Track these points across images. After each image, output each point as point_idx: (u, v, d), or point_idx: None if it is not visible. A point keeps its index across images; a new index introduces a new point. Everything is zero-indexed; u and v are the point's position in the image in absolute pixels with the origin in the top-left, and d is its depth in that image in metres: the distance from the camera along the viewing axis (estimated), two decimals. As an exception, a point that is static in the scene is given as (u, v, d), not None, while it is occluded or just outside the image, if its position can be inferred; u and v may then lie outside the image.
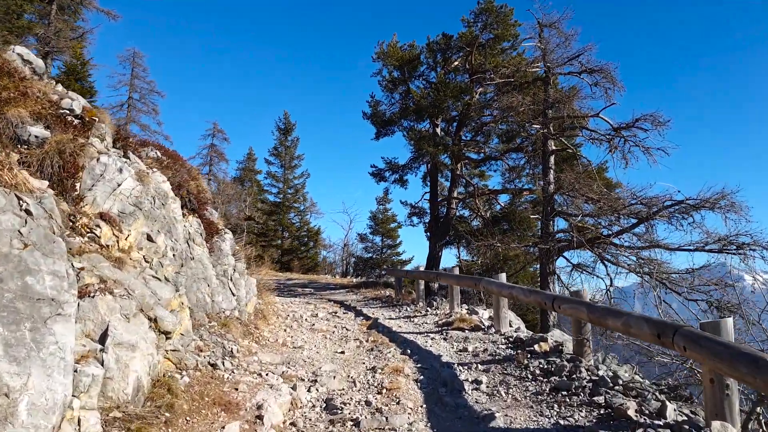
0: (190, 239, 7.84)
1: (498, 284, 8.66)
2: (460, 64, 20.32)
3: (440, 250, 20.36)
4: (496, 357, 7.24)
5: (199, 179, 10.13)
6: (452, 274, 11.29)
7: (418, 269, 14.04)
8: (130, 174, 5.75)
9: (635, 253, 13.87)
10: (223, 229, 9.39)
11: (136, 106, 40.37)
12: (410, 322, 10.85)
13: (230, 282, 8.73)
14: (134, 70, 40.14)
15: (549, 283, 14.65)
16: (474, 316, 10.17)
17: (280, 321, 10.34)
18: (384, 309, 13.28)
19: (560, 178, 14.86)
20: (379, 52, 20.98)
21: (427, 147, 18.14)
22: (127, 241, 5.49)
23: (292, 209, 42.15)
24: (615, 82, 14.75)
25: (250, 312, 9.48)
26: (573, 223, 14.20)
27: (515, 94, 14.98)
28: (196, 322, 6.90)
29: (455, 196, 20.32)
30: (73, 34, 25.13)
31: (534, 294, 7.44)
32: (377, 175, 22.85)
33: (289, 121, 42.78)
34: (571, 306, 6.31)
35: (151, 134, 40.56)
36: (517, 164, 18.70)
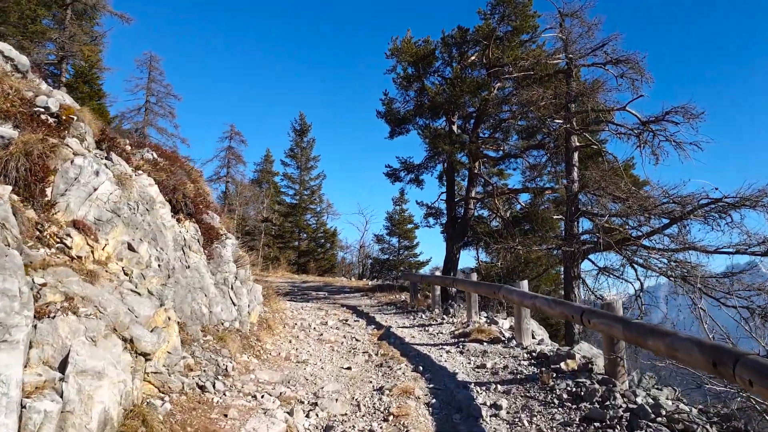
0: (186, 246, 7.24)
1: (519, 293, 7.93)
2: (477, 58, 19.53)
3: (458, 252, 19.61)
4: (518, 376, 6.51)
5: (200, 182, 9.55)
6: (469, 280, 10.58)
7: (434, 273, 13.34)
8: (107, 177, 5.15)
9: (666, 255, 13.01)
10: (224, 234, 8.79)
11: (153, 109, 40.35)
12: (425, 331, 10.16)
13: (231, 291, 8.13)
14: (151, 74, 40.14)
15: (573, 288, 13.84)
16: (493, 327, 9.45)
17: (286, 331, 9.72)
18: (398, 316, 12.61)
19: (585, 175, 14.03)
20: (393, 48, 20.28)
21: (442, 145, 17.40)
22: (104, 251, 4.89)
23: (309, 211, 41.69)
24: (643, 72, 13.89)
25: (254, 322, 8.87)
26: (599, 224, 13.36)
27: (535, 88, 14.17)
28: (188, 338, 6.29)
29: (473, 195, 19.55)
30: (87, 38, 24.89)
31: (560, 305, 6.69)
32: (392, 175, 22.16)
33: (305, 122, 42.34)
34: (603, 321, 5.57)
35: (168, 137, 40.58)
36: (538, 162, 17.88)
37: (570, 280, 13.95)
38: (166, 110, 40.28)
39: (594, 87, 14.23)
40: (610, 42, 14.45)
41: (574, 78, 14.98)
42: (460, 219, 19.78)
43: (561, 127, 14.32)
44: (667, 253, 12.48)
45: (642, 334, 4.78)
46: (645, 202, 12.45)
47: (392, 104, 20.85)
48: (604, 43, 14.58)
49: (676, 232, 12.84)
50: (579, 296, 13.96)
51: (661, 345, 4.42)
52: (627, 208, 12.55)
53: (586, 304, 14.94)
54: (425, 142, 18.88)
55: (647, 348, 4.77)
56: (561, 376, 6.23)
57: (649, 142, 13.22)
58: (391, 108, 21.09)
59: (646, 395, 5.22)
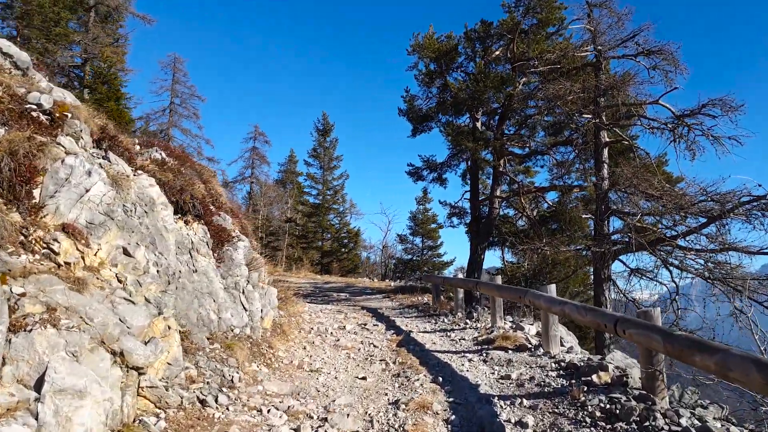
0: (193, 249, 6.88)
1: (547, 299, 7.40)
2: (501, 53, 18.93)
3: (482, 253, 19.02)
4: (546, 389, 6.00)
5: (213, 182, 9.21)
6: (493, 283, 10.05)
7: (456, 275, 12.84)
8: (101, 177, 4.79)
9: (702, 255, 12.29)
10: (237, 236, 8.42)
11: (178, 110, 40.54)
12: (446, 337, 9.67)
13: (242, 295, 7.75)
14: (175, 75, 40.34)
15: (604, 290, 13.20)
16: (519, 333, 8.91)
17: (301, 336, 9.31)
18: (419, 320, 12.14)
19: (615, 172, 13.38)
20: (415, 44, 19.79)
21: (466, 142, 16.85)
22: (96, 256, 4.53)
23: (332, 211, 41.43)
24: (677, 63, 13.18)
25: (267, 327, 8.49)
26: (631, 223, 12.70)
27: (563, 81, 13.54)
28: (192, 346, 5.91)
29: (498, 194, 18.95)
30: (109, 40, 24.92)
31: (591, 313, 6.14)
32: (414, 174, 21.68)
33: (328, 121, 42.07)
34: (640, 332, 5.03)
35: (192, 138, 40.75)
36: (566, 159, 17.21)
37: (600, 282, 13.31)
38: (191, 111, 40.46)
39: (624, 80, 13.56)
40: (641, 32, 13.78)
41: (603, 71, 14.32)
42: (485, 218, 19.21)
43: (590, 122, 13.68)
44: (705, 254, 11.77)
45: (687, 348, 4.24)
46: (681, 200, 11.77)
47: (414, 101, 20.38)
48: (635, 33, 13.90)
49: (714, 232, 12.15)
50: (609, 299, 13.32)
51: (710, 362, 3.88)
52: (662, 207, 11.87)
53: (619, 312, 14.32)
54: (448, 139, 18.36)
55: (693, 365, 4.24)
56: (593, 390, 5.70)
57: (684, 136, 12.52)
58: (413, 105, 20.61)
59: (690, 415, 4.67)
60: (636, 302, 14.22)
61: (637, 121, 14.08)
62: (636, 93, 13.81)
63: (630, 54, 14.09)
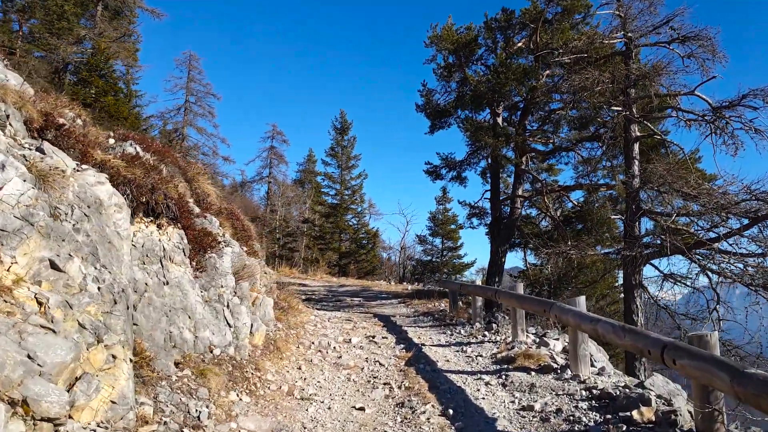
0: (166, 258, 6.02)
1: (576, 314, 6.39)
2: (524, 44, 17.85)
3: (503, 255, 17.96)
4: (576, 426, 5.01)
5: (200, 180, 8.36)
6: (515, 293, 9.03)
7: (474, 281, 11.83)
8: (18, 173, 3.91)
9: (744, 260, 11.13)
10: (223, 241, 7.54)
11: (193, 109, 40.09)
12: (461, 353, 8.69)
13: (226, 310, 6.87)
14: (190, 73, 39.89)
15: (635, 297, 12.08)
16: (543, 350, 7.90)
17: (299, 353, 8.41)
18: (434, 330, 11.18)
19: (647, 169, 12.25)
20: (432, 36, 18.80)
21: (485, 138, 15.80)
22: (10, 272, 3.66)
23: (350, 211, 40.54)
24: (715, 51, 12.00)
25: (257, 344, 7.60)
26: (665, 225, 11.58)
27: (591, 70, 12.43)
28: (154, 376, 5.04)
29: (520, 193, 17.88)
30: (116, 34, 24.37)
31: (631, 335, 5.12)
32: (433, 173, 20.68)
33: (346, 120, 41.21)
34: (697, 365, 4.02)
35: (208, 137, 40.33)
36: (592, 155, 16.05)
37: (631, 287, 12.19)
38: (206, 110, 40.02)
39: (657, 69, 12.41)
40: (675, 17, 12.62)
41: (633, 60, 13.18)
42: (506, 219, 18.16)
43: (619, 115, 12.55)
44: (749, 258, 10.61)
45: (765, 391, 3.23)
46: (722, 199, 10.63)
47: (431, 96, 19.40)
48: (669, 19, 12.74)
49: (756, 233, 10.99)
50: (641, 306, 12.20)
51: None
52: (703, 207, 10.74)
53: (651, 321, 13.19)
54: (466, 135, 17.33)
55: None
56: (633, 429, 4.71)
57: (725, 129, 11.36)
58: (431, 100, 19.64)
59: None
60: (668, 310, 13.08)
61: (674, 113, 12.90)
62: (669, 83, 12.68)
63: (663, 41, 12.96)
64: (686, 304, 13.47)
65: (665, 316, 13.11)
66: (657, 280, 13.57)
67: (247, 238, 13.00)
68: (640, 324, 11.91)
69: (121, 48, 24.48)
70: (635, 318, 11.92)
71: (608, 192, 17.06)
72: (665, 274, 12.27)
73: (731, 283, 11.78)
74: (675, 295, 12.67)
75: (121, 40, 24.58)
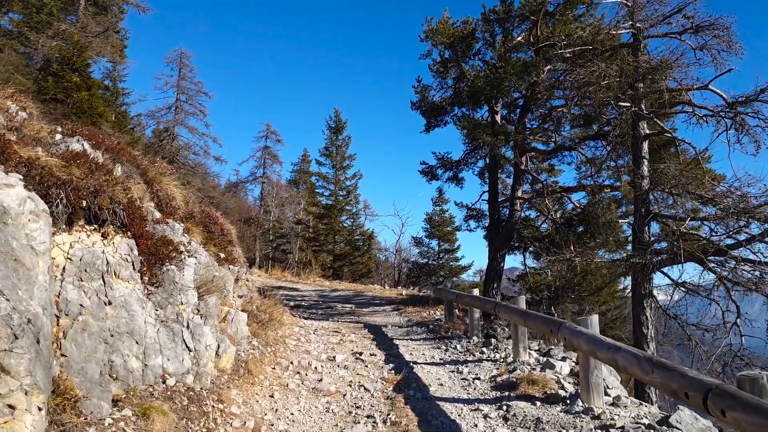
0: (109, 273, 5.11)
1: (589, 338, 5.47)
2: (524, 39, 16.98)
3: (502, 260, 17.09)
4: (594, 482, 4.12)
5: (162, 181, 7.43)
6: (517, 308, 8.12)
7: (471, 292, 10.92)
8: None
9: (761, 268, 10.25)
10: (186, 250, 6.62)
11: (184, 107, 39.18)
12: (457, 373, 7.80)
13: (185, 331, 5.96)
14: (181, 71, 38.97)
15: (645, 308, 11.20)
16: (548, 373, 7.01)
17: (275, 375, 7.49)
18: (427, 343, 10.30)
19: (657, 170, 11.37)
20: (428, 30, 17.92)
21: (483, 136, 14.89)
22: None
23: (344, 212, 39.61)
24: (731, 42, 11.13)
25: (225, 368, 6.69)
26: (677, 230, 10.70)
27: (597, 62, 11.53)
28: (79, 421, 4.12)
29: (519, 195, 17.00)
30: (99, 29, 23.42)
31: (662, 371, 4.19)
32: (428, 173, 19.78)
33: (340, 118, 40.27)
34: (756, 421, 3.12)
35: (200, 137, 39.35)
36: (596, 155, 15.15)
37: (640, 298, 11.31)
38: (197, 108, 39.05)
39: (668, 61, 11.52)
40: (687, 5, 11.74)
41: (641, 52, 12.30)
42: (505, 222, 17.28)
43: (628, 111, 11.65)
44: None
45: None
46: (741, 202, 9.75)
47: (426, 92, 18.51)
48: (680, 7, 11.86)
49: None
50: (651, 318, 11.32)
51: None
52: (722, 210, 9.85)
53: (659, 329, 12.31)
54: (463, 133, 16.41)
55: None
56: (666, 489, 3.81)
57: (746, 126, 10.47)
58: (426, 97, 18.75)
59: None
60: (679, 320, 12.19)
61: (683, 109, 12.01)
62: (681, 77, 11.80)
63: (674, 32, 12.08)
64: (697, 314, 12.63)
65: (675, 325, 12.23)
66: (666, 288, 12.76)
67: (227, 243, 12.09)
68: (650, 337, 11.04)
69: (106, 43, 23.51)
70: (645, 330, 11.05)
71: (612, 194, 16.22)
72: (676, 282, 11.38)
73: (746, 292, 10.94)
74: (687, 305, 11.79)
75: (105, 35, 23.58)
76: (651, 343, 11.01)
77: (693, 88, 11.56)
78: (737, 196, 9.85)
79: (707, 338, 12.33)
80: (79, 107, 13.14)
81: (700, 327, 12.02)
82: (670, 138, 12.89)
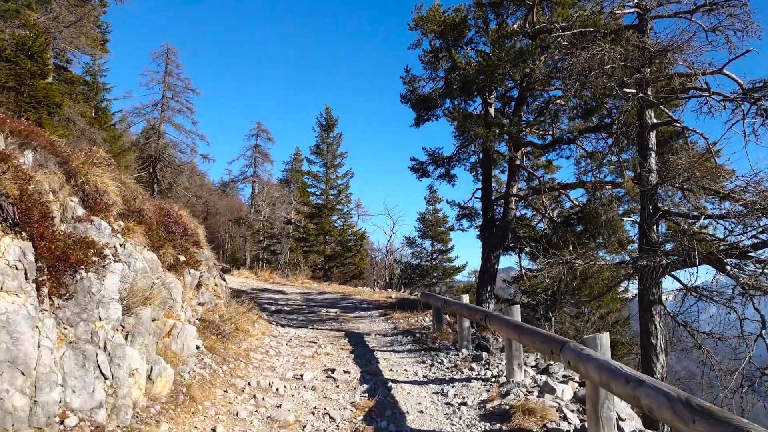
0: (-10, 284, 3.98)
1: (602, 366, 4.32)
2: (519, 27, 15.88)
3: (496, 261, 15.98)
4: None
5: (90, 172, 6.26)
6: (512, 320, 6.97)
7: (460, 300, 9.78)
8: None
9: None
10: (111, 255, 5.48)
11: (170, 104, 38.17)
12: (441, 395, 6.67)
13: (101, 353, 4.82)
14: (168, 67, 38.00)
15: (653, 316, 10.09)
16: (548, 399, 5.88)
17: (226, 400, 6.35)
18: (411, 356, 9.19)
19: (667, 162, 10.28)
20: (417, 18, 16.78)
21: (475, 128, 13.73)
22: None
23: (336, 211, 38.45)
24: (747, 21, 10.05)
25: (160, 394, 5.55)
26: (688, 229, 9.60)
27: (600, 44, 10.41)
28: None
29: (515, 192, 15.89)
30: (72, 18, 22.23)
31: (708, 421, 3.06)
32: (418, 170, 18.65)
33: (331, 116, 39.09)
34: None
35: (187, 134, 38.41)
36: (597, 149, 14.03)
37: (648, 305, 10.19)
38: (184, 105, 38.14)
39: (679, 42, 10.41)
40: (699, -19, 10.65)
41: (647, 34, 11.19)
42: (499, 221, 16.17)
43: (634, 98, 10.53)
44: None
45: None
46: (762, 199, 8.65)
47: (415, 82, 17.39)
48: (693, -17, 10.77)
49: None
50: (660, 327, 10.22)
51: None
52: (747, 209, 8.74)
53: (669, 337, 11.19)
54: (454, 125, 15.29)
55: None
56: None
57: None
58: (415, 88, 17.64)
59: None
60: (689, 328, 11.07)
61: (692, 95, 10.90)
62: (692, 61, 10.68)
63: (684, 11, 10.98)
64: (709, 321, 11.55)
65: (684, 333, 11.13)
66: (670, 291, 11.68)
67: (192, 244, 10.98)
68: (659, 348, 9.93)
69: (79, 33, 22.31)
70: (653, 341, 9.94)
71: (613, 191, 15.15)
72: (687, 286, 10.28)
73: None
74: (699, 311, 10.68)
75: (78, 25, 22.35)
76: (661, 355, 9.91)
77: (706, 72, 10.45)
78: (759, 192, 8.74)
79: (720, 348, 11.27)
80: (33, 96, 12.01)
81: (712, 336, 10.94)
82: (678, 129, 11.80)
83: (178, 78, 38.36)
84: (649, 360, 9.89)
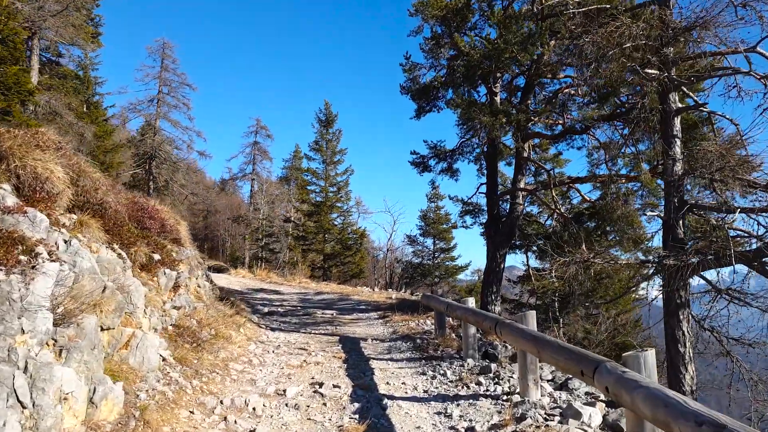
0: None
1: (655, 397, 3.33)
2: (526, 11, 14.87)
3: (502, 260, 14.98)
4: None
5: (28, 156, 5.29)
6: (526, 330, 5.97)
7: (465, 303, 8.80)
8: None
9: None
10: (46, 252, 4.52)
11: (166, 100, 37.39)
12: (444, 418, 5.68)
13: (19, 375, 3.85)
14: (164, 62, 37.22)
15: (680, 321, 9.09)
16: (572, 426, 4.88)
17: (191, 423, 5.35)
18: (411, 366, 8.22)
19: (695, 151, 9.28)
20: (418, 3, 15.75)
21: (479, 116, 12.67)
22: None
23: (335, 209, 37.46)
24: (784, -7, 9.07)
25: (106, 421, 4.57)
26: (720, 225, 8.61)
27: (621, 18, 9.40)
28: None
29: (522, 187, 14.88)
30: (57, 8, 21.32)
31: None
32: (420, 164, 17.60)
33: (330, 111, 38.09)
34: None
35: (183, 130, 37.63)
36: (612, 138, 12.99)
37: (675, 309, 9.16)
38: (180, 101, 37.43)
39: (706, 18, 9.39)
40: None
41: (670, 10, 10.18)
42: (505, 217, 15.18)
43: (658, 79, 9.50)
44: None
45: None
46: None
47: (416, 70, 16.39)
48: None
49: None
50: (689, 335, 9.22)
51: None
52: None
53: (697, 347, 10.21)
54: (457, 113, 14.21)
55: None
56: None
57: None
58: (416, 77, 16.63)
59: None
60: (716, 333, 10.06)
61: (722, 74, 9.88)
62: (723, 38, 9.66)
63: (712, -17, 9.95)
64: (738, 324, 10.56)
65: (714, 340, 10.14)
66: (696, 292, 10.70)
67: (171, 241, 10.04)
68: (687, 357, 8.92)
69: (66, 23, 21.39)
70: (681, 349, 8.93)
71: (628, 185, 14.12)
72: (717, 288, 9.28)
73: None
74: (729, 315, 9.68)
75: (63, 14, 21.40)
76: (690, 365, 8.89)
77: (738, 50, 9.44)
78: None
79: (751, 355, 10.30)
80: (2, 83, 11.08)
81: (743, 342, 9.96)
82: (704, 115, 10.78)
83: (175, 73, 37.65)
84: (676, 370, 8.87)
